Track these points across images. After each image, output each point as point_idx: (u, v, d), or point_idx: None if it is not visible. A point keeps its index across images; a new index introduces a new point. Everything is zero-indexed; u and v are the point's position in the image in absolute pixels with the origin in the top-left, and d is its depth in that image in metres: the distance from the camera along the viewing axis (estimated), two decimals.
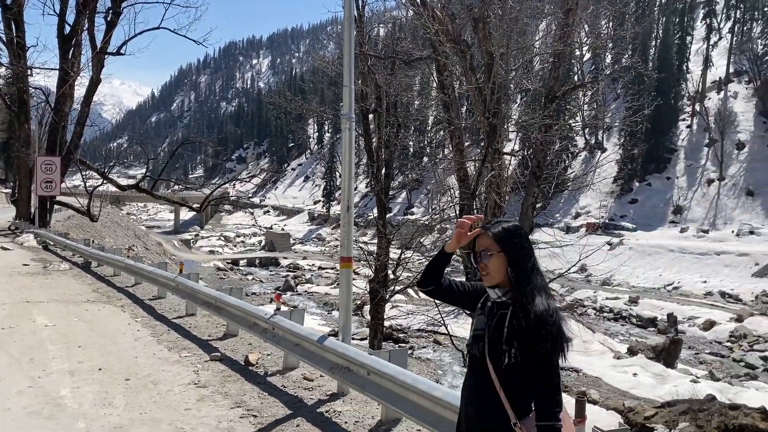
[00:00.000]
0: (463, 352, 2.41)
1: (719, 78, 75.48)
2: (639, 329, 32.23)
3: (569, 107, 14.71)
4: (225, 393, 5.92)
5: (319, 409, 5.50)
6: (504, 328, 2.23)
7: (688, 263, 48.14)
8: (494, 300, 2.33)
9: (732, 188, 62.75)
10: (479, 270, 2.35)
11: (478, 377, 2.31)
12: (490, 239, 2.36)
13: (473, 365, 2.34)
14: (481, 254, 2.35)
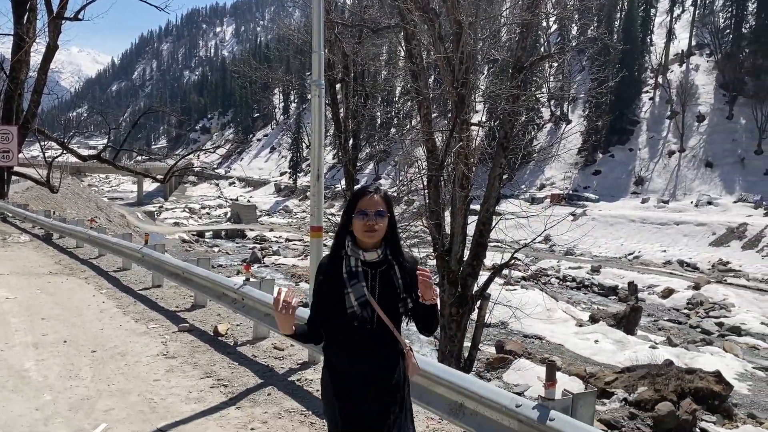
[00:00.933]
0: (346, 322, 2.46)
1: (682, 51, 76.62)
2: (601, 297, 33.04)
3: (535, 78, 14.77)
4: (194, 363, 5.90)
5: (291, 378, 5.53)
6: (397, 281, 2.51)
7: (649, 233, 49.33)
8: (369, 261, 2.49)
9: (692, 160, 64.25)
10: (364, 229, 2.45)
11: (372, 335, 2.48)
12: (382, 201, 2.51)
13: (363, 328, 2.46)
14: (375, 214, 2.46)
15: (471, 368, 9.92)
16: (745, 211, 51.87)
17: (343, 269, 2.49)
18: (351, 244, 2.51)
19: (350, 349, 2.49)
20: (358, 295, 2.45)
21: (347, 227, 2.54)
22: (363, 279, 2.48)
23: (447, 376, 3.91)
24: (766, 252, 40.89)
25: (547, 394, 3.30)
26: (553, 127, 73.20)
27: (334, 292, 2.48)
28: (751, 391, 17.09)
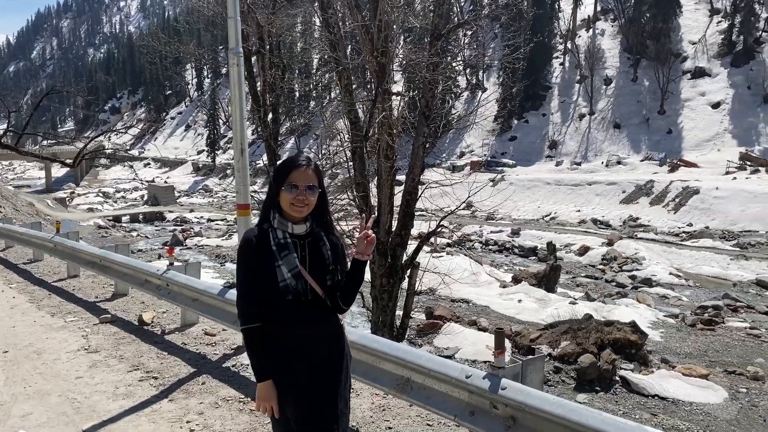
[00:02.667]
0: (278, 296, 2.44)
1: (588, 16, 79.19)
2: (521, 259, 34.20)
3: (451, 47, 14.76)
4: (120, 356, 5.61)
5: (225, 364, 5.35)
6: (326, 252, 2.48)
7: (564, 194, 51.28)
8: (298, 233, 2.43)
9: (601, 122, 67.05)
10: (294, 203, 2.39)
11: (309, 307, 2.43)
12: (314, 174, 2.44)
13: (298, 300, 2.41)
14: (307, 189, 2.39)
15: (404, 336, 10.04)
16: (651, 168, 54.80)
17: (271, 242, 2.40)
18: (278, 216, 2.43)
19: (287, 327, 2.42)
20: (291, 267, 2.39)
21: (274, 199, 2.44)
22: (293, 250, 2.41)
23: (393, 351, 3.84)
24: (671, 207, 43.41)
25: (496, 362, 3.28)
26: (469, 95, 74.39)
27: (263, 266, 2.39)
28: (663, 338, 18.19)
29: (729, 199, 40.28)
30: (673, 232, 38.88)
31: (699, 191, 42.49)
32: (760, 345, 17.21)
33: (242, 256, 2.45)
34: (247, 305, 2.44)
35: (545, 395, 3.09)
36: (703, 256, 31.62)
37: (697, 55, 67.91)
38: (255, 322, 2.42)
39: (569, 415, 2.88)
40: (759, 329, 18.92)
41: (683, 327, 19.36)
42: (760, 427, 11.45)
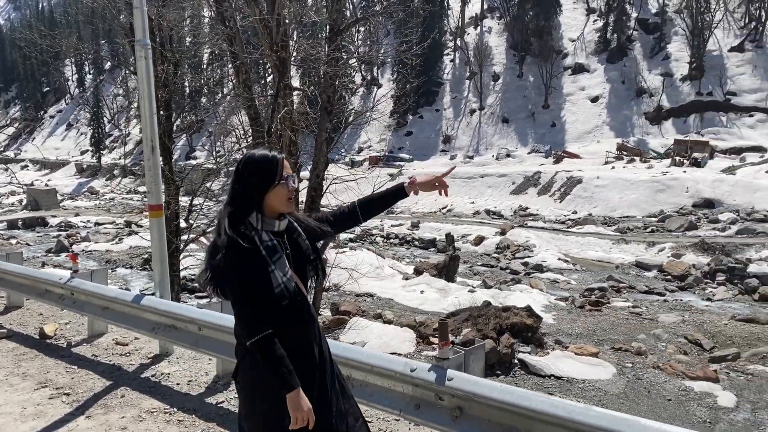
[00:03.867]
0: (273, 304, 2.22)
1: (476, 14, 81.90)
2: (422, 250, 34.92)
3: (345, 42, 14.79)
4: (23, 374, 5.13)
5: (144, 375, 5.04)
6: (304, 242, 2.36)
7: (458, 187, 52.83)
8: (277, 230, 2.29)
9: (491, 117, 69.70)
10: (290, 196, 2.27)
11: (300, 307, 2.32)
12: (289, 165, 2.33)
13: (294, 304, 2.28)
14: (292, 179, 2.28)
15: None
16: (538, 160, 57.66)
17: (260, 246, 2.22)
18: (261, 216, 2.25)
19: (286, 336, 2.26)
20: (284, 270, 2.23)
21: (258, 199, 2.25)
22: (281, 251, 2.26)
23: (332, 349, 3.73)
24: (557, 196, 45.89)
25: (441, 353, 3.27)
26: (365, 91, 74.92)
27: (257, 274, 2.21)
28: (556, 320, 19.21)
29: (609, 187, 43.17)
30: (560, 219, 41.13)
31: (582, 181, 45.21)
32: (642, 322, 18.58)
33: (234, 267, 2.21)
34: (250, 317, 2.23)
35: (493, 383, 3.13)
36: (588, 242, 33.68)
37: (577, 52, 72.13)
38: (264, 330, 2.21)
39: (518, 401, 2.91)
40: (640, 307, 20.43)
41: (573, 309, 20.53)
42: (644, 398, 12.35)
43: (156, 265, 5.19)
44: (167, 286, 5.13)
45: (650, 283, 25.00)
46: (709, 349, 15.27)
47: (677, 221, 35.69)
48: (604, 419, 2.65)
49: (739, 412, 11.32)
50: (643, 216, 38.97)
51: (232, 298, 2.26)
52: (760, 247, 27.52)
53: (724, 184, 39.95)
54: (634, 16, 71.05)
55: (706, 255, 27.40)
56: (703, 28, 62.78)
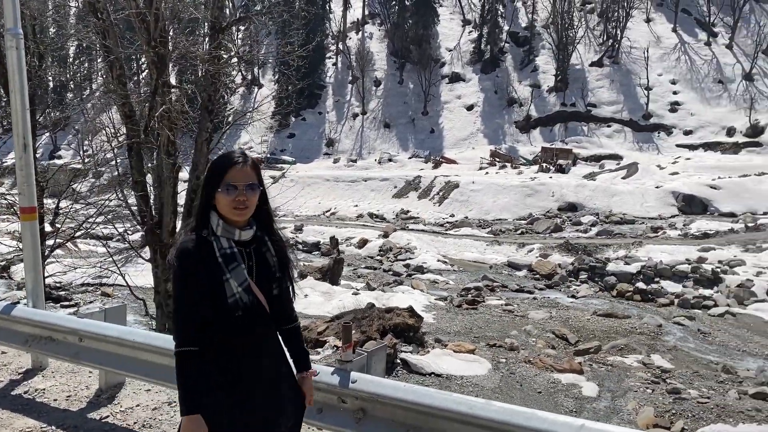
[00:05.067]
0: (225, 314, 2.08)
1: (357, 19, 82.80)
2: (306, 254, 34.75)
3: (225, 41, 14.34)
4: None
5: (15, 392, 4.60)
6: (271, 258, 2.26)
7: (342, 190, 53.14)
8: (242, 240, 2.18)
9: (373, 121, 70.75)
10: (234, 206, 2.13)
11: (256, 324, 2.20)
12: (253, 172, 2.20)
13: (248, 317, 2.17)
14: (247, 188, 2.14)
15: None
16: (418, 165, 59.26)
17: (216, 252, 2.10)
18: (222, 222, 2.12)
19: (234, 346, 2.15)
20: (240, 280, 2.12)
21: (210, 203, 2.13)
22: (241, 261, 2.13)
23: None
24: (436, 200, 47.41)
25: (344, 356, 3.25)
26: (245, 91, 73.35)
27: (208, 281, 2.08)
28: (436, 319, 19.81)
29: (483, 191, 45.24)
30: (439, 222, 42.51)
31: (459, 185, 47.03)
32: (514, 319, 19.61)
33: (181, 270, 2.10)
34: (186, 325, 2.10)
35: (396, 383, 3.19)
36: (465, 243, 35.08)
37: (453, 61, 74.98)
38: (193, 345, 2.09)
39: (422, 400, 2.97)
40: (512, 305, 21.55)
41: (452, 308, 21.28)
42: (517, 391, 13.03)
43: (29, 273, 4.75)
44: (41, 294, 4.75)
45: (521, 282, 26.47)
46: (574, 342, 16.39)
47: (544, 223, 38.08)
48: (504, 413, 2.79)
49: (600, 400, 12.26)
50: (514, 219, 41.23)
51: (173, 298, 2.19)
52: (616, 248, 29.99)
53: (586, 189, 43.20)
54: (506, 29, 75.06)
55: (570, 255, 29.43)
56: (567, 43, 67.54)
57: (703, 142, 56.28)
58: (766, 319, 18.56)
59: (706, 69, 64.93)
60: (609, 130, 61.27)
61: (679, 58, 67.13)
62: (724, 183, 41.63)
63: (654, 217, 37.92)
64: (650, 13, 73.24)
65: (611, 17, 71.14)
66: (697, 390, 12.27)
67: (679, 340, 16.76)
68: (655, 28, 71.42)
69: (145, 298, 10.72)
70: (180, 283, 2.11)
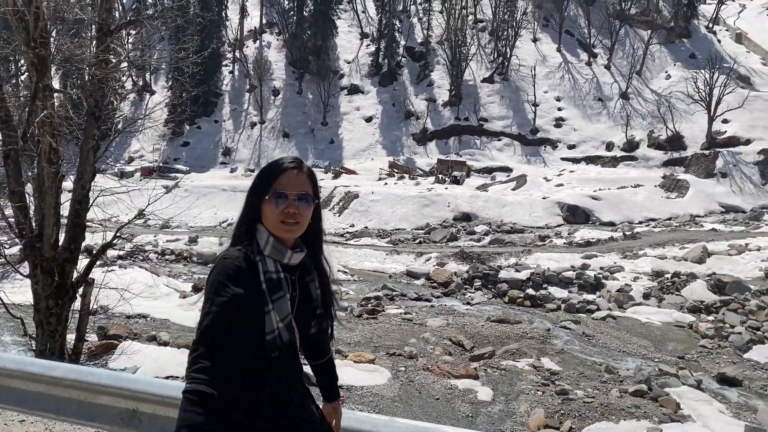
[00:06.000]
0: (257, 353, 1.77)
1: (255, 28, 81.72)
2: (201, 267, 33.61)
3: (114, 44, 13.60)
4: None
5: None
6: (315, 290, 1.93)
7: (240, 201, 50.68)
8: (290, 264, 1.84)
9: (271, 131, 69.91)
10: (283, 218, 1.81)
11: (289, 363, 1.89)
12: (308, 180, 1.89)
13: (285, 359, 1.85)
14: (299, 198, 1.84)
15: (78, 362, 9.01)
16: (318, 175, 58.92)
17: (261, 277, 1.74)
18: (273, 240, 1.79)
19: (264, 386, 1.81)
20: (284, 314, 1.78)
21: (256, 213, 1.84)
22: (287, 290, 1.79)
23: (116, 382, 3.36)
24: (336, 210, 47.45)
25: None
26: (136, 97, 70.25)
27: (248, 311, 1.73)
28: (336, 330, 19.74)
29: (382, 202, 45.84)
30: (339, 232, 42.56)
31: (359, 195, 47.38)
32: (412, 327, 19.94)
33: (219, 291, 1.74)
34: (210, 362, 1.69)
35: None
36: (365, 253, 35.33)
37: (352, 73, 75.64)
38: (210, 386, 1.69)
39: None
40: (411, 313, 21.92)
41: (352, 318, 21.33)
42: (416, 398, 13.25)
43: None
44: None
45: (419, 290, 26.98)
46: (470, 348, 16.90)
47: (441, 233, 39.11)
48: (407, 429, 2.79)
49: (495, 404, 12.71)
50: (412, 228, 42.05)
51: (199, 324, 1.75)
52: (508, 256, 31.29)
53: (479, 200, 44.86)
54: (403, 43, 76.75)
55: (465, 263, 30.37)
56: (461, 59, 70.02)
57: (585, 156, 60.07)
58: (643, 321, 20.00)
59: (587, 87, 69.48)
60: (500, 144, 64.03)
61: (563, 76, 71.42)
62: (604, 194, 44.71)
63: (542, 227, 40.02)
64: (537, 33, 77.48)
65: (501, 36, 74.54)
66: (583, 390, 13.00)
67: (566, 343, 17.71)
68: (542, 48, 75.63)
69: (23, 316, 9.94)
70: (215, 309, 1.74)
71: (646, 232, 36.55)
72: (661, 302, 22.24)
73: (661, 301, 22.33)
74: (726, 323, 18.67)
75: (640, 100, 65.86)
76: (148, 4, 70.38)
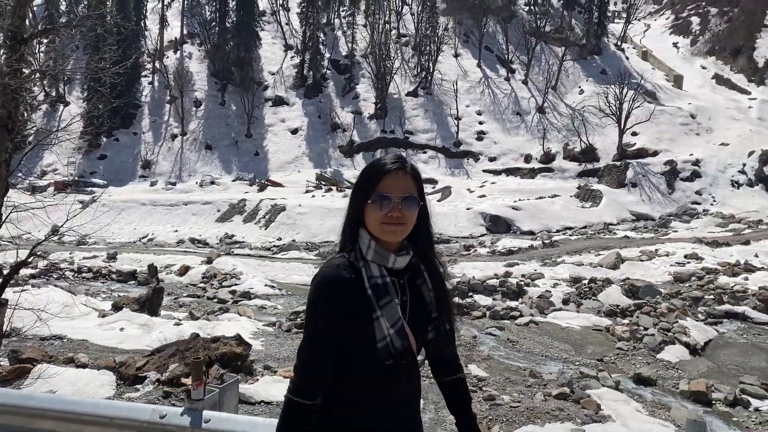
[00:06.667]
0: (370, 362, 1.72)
1: (175, 38, 79.86)
2: (121, 284, 32.34)
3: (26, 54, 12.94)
4: None
5: None
6: (428, 294, 1.87)
7: (160, 215, 50.48)
8: (395, 268, 1.78)
9: (193, 143, 68.30)
10: (387, 221, 1.74)
11: (405, 376, 1.81)
12: (413, 181, 1.81)
13: (399, 367, 1.76)
14: (403, 201, 1.76)
15: None
16: (242, 188, 58.18)
17: (366, 282, 1.70)
18: (374, 244, 1.74)
19: (378, 401, 1.74)
20: (393, 320, 1.72)
21: (359, 218, 1.77)
22: (395, 294, 1.73)
23: (57, 405, 3.19)
24: (262, 223, 46.87)
25: (195, 394, 2.99)
26: (49, 108, 67.03)
27: (355, 319, 1.69)
28: (264, 346, 19.49)
29: (310, 214, 45.64)
30: (266, 246, 42.03)
31: (285, 208, 46.98)
32: None
33: (322, 302, 1.71)
34: (311, 373, 1.69)
35: (254, 419, 3.01)
36: (293, 267, 35.04)
37: (277, 85, 75.13)
38: (311, 398, 1.69)
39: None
40: None
41: (281, 333, 21.08)
42: None
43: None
44: None
45: None
46: None
47: None
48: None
49: (426, 412, 12.86)
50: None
51: (305, 332, 1.70)
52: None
53: None
54: (328, 56, 76.97)
55: None
56: (385, 73, 70.92)
57: (505, 168, 62.05)
58: (563, 326, 20.79)
59: (506, 102, 71.91)
60: (425, 156, 65.17)
61: (484, 91, 73.64)
62: (523, 205, 46.33)
63: (466, 236, 40.98)
64: (458, 48, 79.58)
65: (424, 51, 76.07)
66: (509, 395, 13.37)
67: (492, 349, 18.17)
68: (463, 63, 77.73)
69: None
70: (319, 319, 1.71)
71: (564, 240, 38.13)
72: (579, 307, 23.20)
73: (580, 306, 23.29)
74: (640, 326, 19.68)
75: (556, 114, 68.79)
76: (61, 12, 67.51)
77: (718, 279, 24.65)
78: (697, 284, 24.57)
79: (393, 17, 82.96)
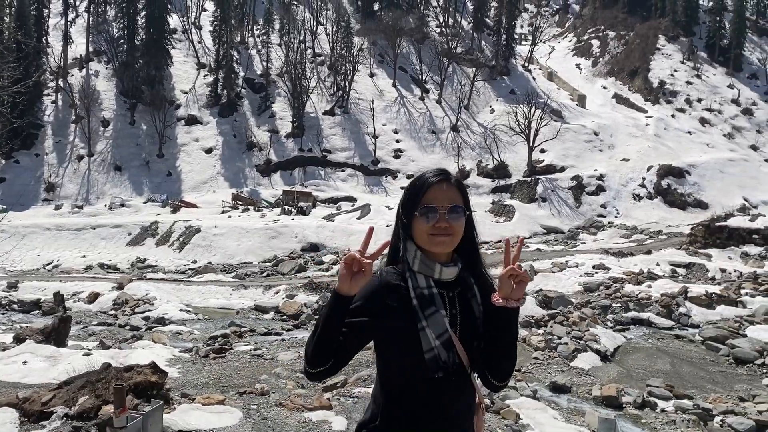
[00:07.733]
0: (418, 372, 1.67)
1: (80, 55, 76.57)
2: (23, 314, 30.40)
3: None
4: None
5: None
6: (477, 307, 1.82)
7: (66, 240, 47.97)
8: (443, 279, 1.77)
9: (101, 164, 65.46)
10: (434, 233, 1.73)
11: (453, 389, 1.76)
12: (458, 192, 1.80)
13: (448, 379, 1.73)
14: (450, 212, 1.75)
15: None
16: (155, 210, 56.23)
17: (411, 293, 1.70)
18: (421, 255, 1.74)
19: (426, 411, 1.69)
20: (440, 331, 1.70)
21: (407, 231, 1.78)
22: (442, 306, 1.72)
23: None
24: (176, 246, 45.42)
25: (117, 422, 2.93)
26: None
27: (400, 328, 1.69)
28: (181, 373, 18.83)
29: (227, 235, 44.67)
30: (180, 269, 40.72)
31: (200, 230, 45.76)
32: (263, 363, 19.54)
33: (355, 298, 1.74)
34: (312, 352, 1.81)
35: None
36: (209, 290, 34.11)
37: (189, 103, 73.38)
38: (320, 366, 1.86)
39: None
40: (261, 349, 21.49)
41: (198, 359, 20.44)
42: None
43: None
44: None
45: (269, 325, 26.55)
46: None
47: (289, 264, 38.91)
48: None
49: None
50: (259, 261, 41.37)
51: None
52: None
53: (326, 230, 45.34)
54: (242, 74, 76.06)
55: (315, 293, 30.47)
56: (302, 92, 70.88)
57: None
58: None
59: (421, 121, 73.48)
60: (344, 174, 65.42)
61: (399, 110, 74.96)
62: None
63: (385, 254, 41.28)
64: (373, 68, 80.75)
65: (340, 70, 76.66)
66: None
67: None
68: (378, 83, 78.87)
69: None
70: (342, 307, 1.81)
71: None
72: None
73: None
74: (554, 335, 20.48)
75: (469, 133, 70.94)
76: None
77: (624, 287, 26.07)
78: (605, 293, 25.88)
79: (308, 37, 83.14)
